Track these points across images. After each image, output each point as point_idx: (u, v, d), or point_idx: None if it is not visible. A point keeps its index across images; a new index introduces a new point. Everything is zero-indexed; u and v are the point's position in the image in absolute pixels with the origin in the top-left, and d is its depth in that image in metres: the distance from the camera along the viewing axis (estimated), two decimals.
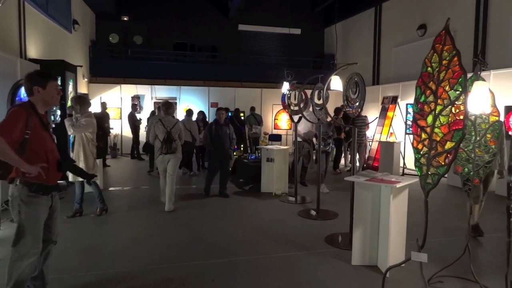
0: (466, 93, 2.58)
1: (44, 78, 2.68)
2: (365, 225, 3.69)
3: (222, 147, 6.66)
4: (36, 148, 2.56)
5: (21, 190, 2.55)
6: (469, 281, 3.32)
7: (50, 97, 2.68)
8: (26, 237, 2.54)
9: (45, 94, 2.65)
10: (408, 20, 11.21)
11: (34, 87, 2.63)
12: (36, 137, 2.55)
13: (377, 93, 11.50)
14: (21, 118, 2.49)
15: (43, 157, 2.59)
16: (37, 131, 2.56)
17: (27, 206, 2.55)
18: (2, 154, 2.38)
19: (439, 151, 2.65)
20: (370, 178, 3.68)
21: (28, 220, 2.56)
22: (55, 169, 2.68)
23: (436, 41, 2.71)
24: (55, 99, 2.74)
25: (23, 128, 2.48)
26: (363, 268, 3.67)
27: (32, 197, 2.56)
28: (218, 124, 6.71)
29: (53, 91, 2.69)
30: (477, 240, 4.50)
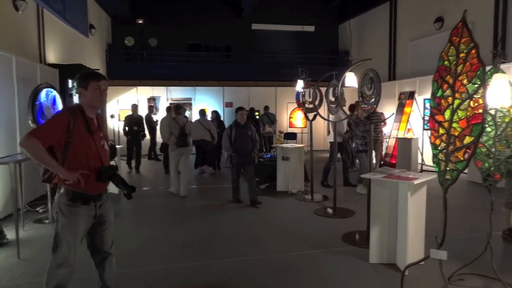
0: (485, 86, 2.52)
1: (85, 78, 2.51)
2: (382, 222, 3.64)
3: (243, 151, 6.02)
4: (77, 154, 2.42)
5: (60, 198, 2.44)
6: (491, 279, 3.24)
7: (91, 99, 2.49)
8: (62, 246, 2.43)
9: (88, 96, 2.48)
10: (424, 13, 10.99)
11: (78, 89, 2.55)
12: (78, 142, 2.41)
13: (394, 89, 11.31)
14: (61, 121, 2.38)
15: (84, 163, 2.43)
16: (80, 135, 2.42)
17: (64, 216, 2.43)
18: (35, 156, 2.31)
19: (457, 146, 2.59)
20: (387, 175, 3.63)
21: (64, 229, 2.43)
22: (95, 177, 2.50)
23: (453, 34, 2.66)
24: (98, 101, 2.52)
25: (64, 131, 2.36)
26: (381, 266, 3.63)
27: (70, 206, 2.42)
28: (238, 125, 6.10)
29: (95, 92, 2.48)
30: (497, 237, 4.39)
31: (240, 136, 6.04)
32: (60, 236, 2.43)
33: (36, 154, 2.30)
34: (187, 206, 6.25)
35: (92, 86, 2.48)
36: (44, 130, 2.39)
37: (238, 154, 5.99)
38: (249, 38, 15.28)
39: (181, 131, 6.63)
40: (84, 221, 2.49)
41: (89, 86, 2.48)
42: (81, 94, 2.53)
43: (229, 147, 6.04)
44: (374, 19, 13.67)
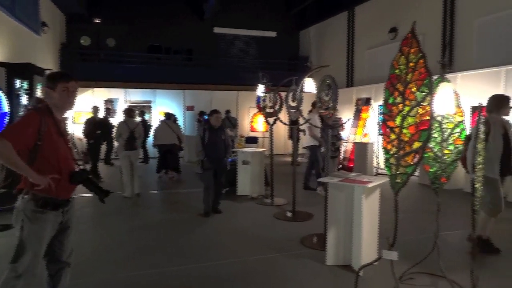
0: (432, 94, 2.67)
1: (53, 79, 2.41)
2: (338, 225, 3.74)
3: (216, 156, 5.71)
4: (48, 156, 2.30)
5: (26, 204, 2.28)
6: (438, 277, 3.41)
7: (59, 101, 2.38)
8: (26, 255, 2.27)
9: (55, 97, 2.37)
10: (380, 23, 11.49)
11: (45, 89, 2.43)
12: (49, 144, 2.30)
13: (351, 95, 11.71)
14: (33, 122, 2.26)
15: (55, 166, 2.32)
16: (50, 137, 2.31)
17: (31, 223, 2.28)
18: (6, 159, 2.17)
19: (407, 151, 2.71)
20: (343, 179, 3.74)
21: (30, 237, 2.28)
22: (67, 181, 2.39)
23: (403, 44, 2.79)
24: (67, 103, 2.42)
25: (35, 133, 2.24)
26: (337, 268, 3.72)
27: (38, 213, 2.29)
28: (212, 129, 5.74)
29: (63, 94, 2.37)
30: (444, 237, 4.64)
31: (213, 140, 5.69)
32: (25, 244, 2.28)
33: (7, 156, 2.17)
34: (145, 212, 6.08)
35: (60, 87, 2.37)
36: (16, 132, 2.25)
37: (211, 159, 5.67)
38: (211, 42, 15.21)
39: (130, 134, 6.76)
40: (51, 228, 2.38)
41: (57, 87, 2.37)
42: (48, 94, 2.42)
43: (202, 152, 5.71)
44: (333, 27, 14.11)
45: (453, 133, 3.28)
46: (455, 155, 3.28)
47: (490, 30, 8.23)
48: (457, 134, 3.28)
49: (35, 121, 2.27)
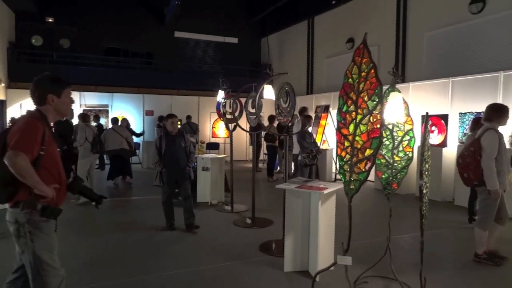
0: (383, 103, 2.76)
1: (60, 85, 2.33)
2: (296, 231, 3.76)
3: (176, 165, 5.09)
4: (49, 166, 2.22)
5: (30, 216, 2.16)
6: (390, 279, 3.52)
7: (64, 107, 2.35)
8: (46, 270, 2.20)
9: (60, 103, 2.31)
10: (338, 33, 11.87)
11: (48, 96, 2.27)
12: (49, 153, 2.22)
13: (311, 102, 11.95)
14: (39, 131, 2.16)
15: (55, 176, 2.27)
16: (50, 145, 2.23)
17: (40, 232, 2.19)
18: (24, 174, 2.05)
19: (360, 158, 2.79)
20: (300, 185, 3.78)
21: (44, 248, 2.21)
22: (65, 189, 2.37)
23: (356, 54, 2.87)
24: (69, 110, 2.44)
25: (41, 143, 2.15)
26: (294, 274, 3.74)
27: (44, 222, 2.20)
28: (169, 136, 5.14)
29: (67, 100, 2.36)
30: (397, 241, 4.82)
31: (172, 148, 5.07)
32: (41, 258, 2.19)
33: (26, 170, 2.05)
34: (96, 221, 5.81)
35: (66, 94, 2.34)
36: (28, 143, 2.11)
37: (170, 169, 5.05)
38: (172, 46, 14.98)
39: (96, 138, 6.98)
40: (55, 236, 2.34)
41: (63, 94, 2.32)
42: (49, 100, 2.28)
43: (159, 162, 5.16)
44: (294, 36, 14.38)
45: (403, 141, 3.42)
46: (405, 162, 3.42)
47: (438, 43, 8.74)
48: (406, 141, 3.42)
49: (40, 129, 2.17)
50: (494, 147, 3.74)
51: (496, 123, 3.87)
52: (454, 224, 5.73)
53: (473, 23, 7.92)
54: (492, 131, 3.80)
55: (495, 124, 3.87)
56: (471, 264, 4.09)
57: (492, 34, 7.57)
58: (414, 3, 9.38)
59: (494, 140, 3.75)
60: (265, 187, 8.94)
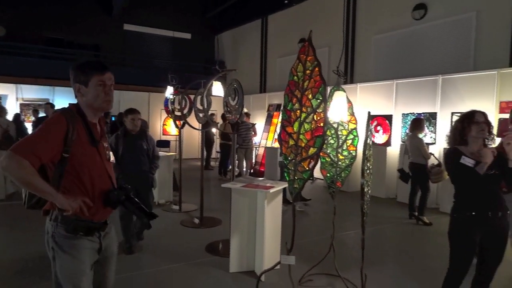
0: (326, 102, 2.76)
1: (86, 72, 1.86)
2: (242, 231, 3.70)
3: (136, 171, 4.28)
4: (79, 173, 1.81)
5: (56, 228, 1.82)
6: (334, 276, 3.57)
7: (95, 99, 1.85)
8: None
9: (89, 95, 1.85)
10: (290, 33, 12.00)
11: (75, 85, 1.87)
12: (79, 157, 1.80)
13: (264, 101, 11.99)
14: (58, 130, 1.75)
15: (87, 185, 1.83)
16: (81, 147, 1.81)
17: (63, 252, 1.81)
18: (24, 182, 1.69)
19: (303, 156, 2.77)
20: (246, 184, 3.71)
21: (65, 270, 1.82)
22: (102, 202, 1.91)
23: (300, 52, 2.85)
24: (104, 102, 1.87)
25: (61, 144, 1.75)
26: (240, 275, 3.67)
27: (70, 239, 1.81)
28: (129, 135, 4.32)
29: (99, 90, 1.84)
30: (342, 238, 4.93)
31: (131, 151, 4.27)
32: (60, 279, 1.82)
33: (23, 178, 1.67)
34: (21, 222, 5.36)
35: (95, 82, 1.84)
36: (34, 145, 1.70)
37: (129, 176, 4.10)
38: (121, 39, 14.35)
39: (4, 134, 6.79)
40: (89, 258, 1.87)
41: (91, 82, 1.84)
42: (79, 92, 1.87)
43: (116, 166, 4.03)
44: (248, 34, 14.36)
45: (347, 140, 3.47)
46: (349, 161, 3.47)
47: (385, 46, 9.11)
48: (350, 140, 3.47)
49: (61, 128, 1.76)
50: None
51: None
52: (396, 220, 5.98)
53: (416, 29, 8.34)
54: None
55: None
56: (411, 258, 4.26)
57: (433, 40, 8.01)
58: (362, 6, 9.70)
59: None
60: (216, 186, 8.80)
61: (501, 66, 6.60)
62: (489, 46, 7.11)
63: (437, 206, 6.67)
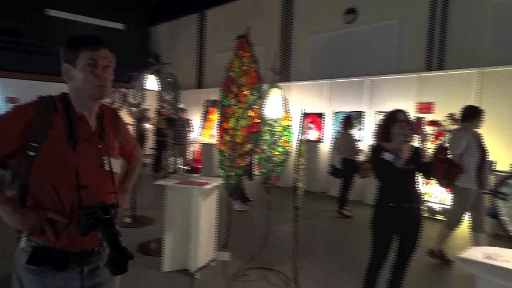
0: (262, 98, 2.80)
1: (74, 47, 1.41)
2: (176, 229, 3.61)
3: None
4: (45, 180, 1.34)
5: (20, 257, 1.36)
6: (269, 270, 3.64)
7: (81, 84, 1.41)
8: None
9: (76, 77, 1.41)
10: (229, 29, 11.91)
11: (63, 66, 1.44)
12: (51, 158, 1.35)
13: (201, 97, 11.83)
14: (16, 117, 1.35)
15: (60, 196, 1.35)
16: (53, 147, 1.36)
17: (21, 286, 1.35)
18: None
19: (239, 153, 2.78)
20: (181, 181, 3.63)
21: None
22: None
23: (238, 48, 2.85)
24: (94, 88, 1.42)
25: (19, 136, 1.32)
26: (174, 274, 3.58)
27: (33, 273, 1.33)
28: None
29: (87, 71, 1.40)
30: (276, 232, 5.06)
31: None
32: None
33: None
34: None
35: (84, 61, 1.40)
36: None
37: None
38: (45, 25, 13.16)
39: None
40: None
41: (79, 61, 1.40)
42: (66, 74, 1.44)
43: None
44: (185, 27, 14.03)
45: (282, 136, 3.55)
46: (283, 156, 3.56)
47: (319, 47, 9.48)
48: (285, 137, 3.56)
49: (22, 115, 1.35)
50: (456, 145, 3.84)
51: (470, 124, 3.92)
52: (327, 214, 6.28)
53: (347, 32, 8.80)
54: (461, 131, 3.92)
55: (469, 125, 3.93)
56: (340, 249, 4.51)
57: (362, 43, 8.52)
58: (298, 7, 9.99)
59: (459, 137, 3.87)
60: (149, 184, 8.48)
61: (420, 70, 7.24)
62: (410, 51, 7.75)
63: (362, 199, 7.13)
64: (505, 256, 1.86)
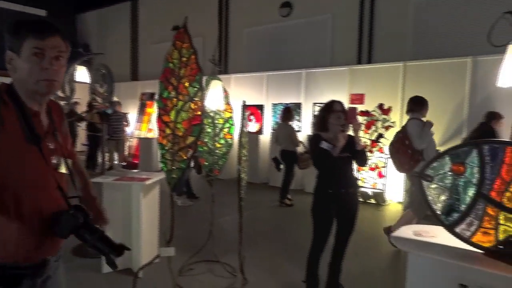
0: (203, 90, 2.76)
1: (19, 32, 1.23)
2: (115, 227, 3.43)
3: None
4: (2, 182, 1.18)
5: None
6: (214, 262, 3.65)
7: (26, 76, 1.22)
8: None
9: (20, 68, 1.22)
10: (164, 19, 11.56)
11: (7, 53, 1.24)
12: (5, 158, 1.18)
13: (136, 89, 11.34)
14: None
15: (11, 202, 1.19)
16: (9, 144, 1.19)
17: None
18: None
19: (181, 146, 2.73)
20: (119, 178, 3.47)
21: None
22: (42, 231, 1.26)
23: (176, 38, 2.78)
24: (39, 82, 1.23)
25: None
26: (115, 274, 3.43)
27: None
28: None
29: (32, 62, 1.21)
30: (221, 224, 5.08)
31: None
32: None
33: None
34: None
35: (28, 49, 1.21)
36: None
37: None
38: None
39: None
40: None
41: (24, 49, 1.22)
42: (9, 63, 1.25)
43: None
44: (116, 17, 13.30)
45: (223, 128, 3.55)
46: (225, 149, 3.56)
47: (256, 39, 9.57)
48: (227, 129, 3.56)
49: None
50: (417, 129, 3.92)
51: (419, 113, 4.04)
52: (269, 203, 6.43)
53: (283, 25, 8.99)
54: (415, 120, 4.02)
55: (418, 115, 4.04)
56: (283, 236, 4.65)
57: (297, 36, 8.76)
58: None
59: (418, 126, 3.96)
60: None
61: (351, 63, 7.65)
62: (342, 45, 8.14)
63: (302, 187, 7.41)
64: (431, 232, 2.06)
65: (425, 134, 3.91)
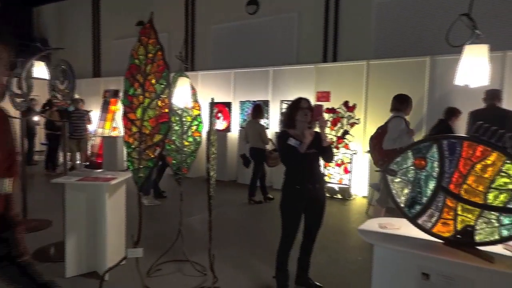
0: (170, 87, 2.71)
1: None
2: (79, 230, 3.32)
3: None
4: None
5: None
6: (184, 261, 3.60)
7: None
8: None
9: None
10: (127, 14, 11.23)
11: None
12: None
13: (99, 86, 10.96)
14: None
15: None
16: None
17: None
18: None
19: (148, 144, 2.67)
20: (82, 178, 3.34)
21: None
22: None
23: (142, 33, 2.71)
24: None
25: None
26: (80, 278, 3.32)
27: None
28: None
29: None
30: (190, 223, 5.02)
31: None
32: None
33: None
34: None
35: None
36: None
37: None
38: None
39: None
40: None
41: None
42: None
43: None
44: (76, 11, 12.76)
45: (191, 126, 3.50)
46: (194, 147, 3.52)
47: (223, 36, 9.51)
48: (195, 126, 3.52)
49: None
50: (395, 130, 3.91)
51: (403, 112, 4.06)
52: (238, 201, 6.43)
53: (250, 22, 8.98)
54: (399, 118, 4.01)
55: (402, 113, 4.05)
56: (252, 233, 4.66)
57: (265, 34, 8.79)
58: None
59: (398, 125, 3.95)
60: (42, 183, 7.64)
61: (317, 62, 7.78)
62: (308, 43, 8.26)
63: (271, 184, 7.47)
64: (395, 224, 2.14)
65: (399, 139, 3.88)
